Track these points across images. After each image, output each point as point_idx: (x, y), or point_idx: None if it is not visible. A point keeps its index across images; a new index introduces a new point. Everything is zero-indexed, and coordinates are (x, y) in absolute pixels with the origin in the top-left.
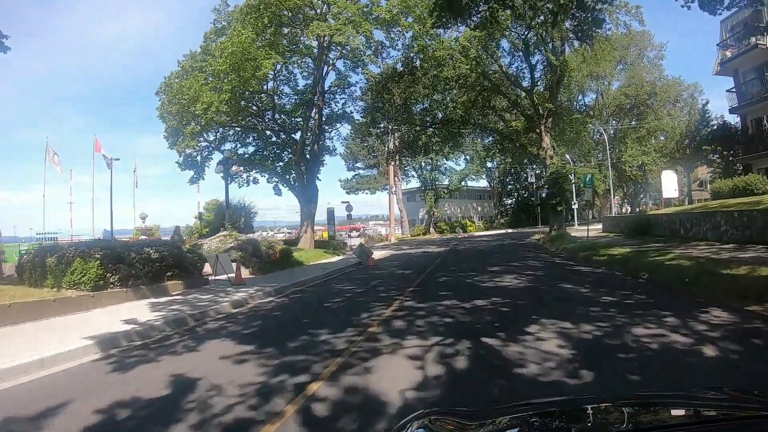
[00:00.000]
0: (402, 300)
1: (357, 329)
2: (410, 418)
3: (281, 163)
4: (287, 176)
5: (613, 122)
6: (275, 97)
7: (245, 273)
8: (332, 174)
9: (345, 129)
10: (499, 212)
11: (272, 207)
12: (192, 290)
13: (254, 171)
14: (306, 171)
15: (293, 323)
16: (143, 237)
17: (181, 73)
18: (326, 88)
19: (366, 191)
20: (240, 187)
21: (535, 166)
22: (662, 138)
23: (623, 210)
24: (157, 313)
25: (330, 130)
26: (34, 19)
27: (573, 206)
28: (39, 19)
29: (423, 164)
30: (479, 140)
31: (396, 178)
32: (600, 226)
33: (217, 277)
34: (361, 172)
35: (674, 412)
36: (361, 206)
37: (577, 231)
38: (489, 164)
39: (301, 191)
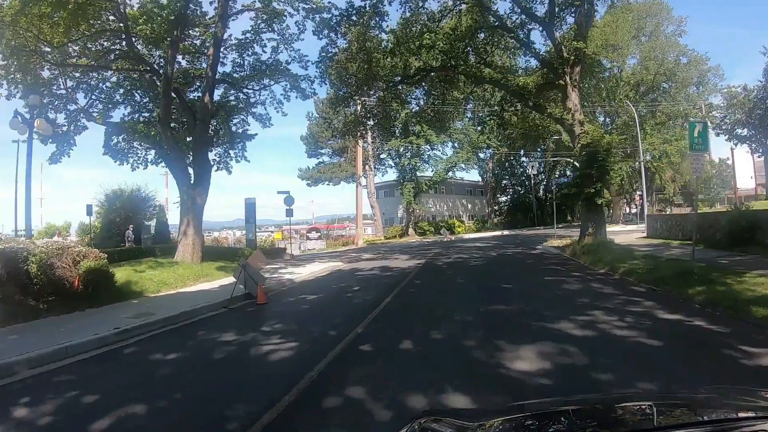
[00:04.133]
0: None
1: None
2: (410, 422)
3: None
4: (181, 153)
5: (623, 111)
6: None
7: None
8: (295, 162)
9: (280, 87)
10: (493, 211)
11: (263, 204)
12: None
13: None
14: (195, 135)
15: None
16: None
17: None
18: (237, 10)
19: (328, 182)
20: (133, 169)
21: (531, 158)
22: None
23: (627, 210)
24: None
25: (258, 87)
26: None
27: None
28: None
29: (401, 150)
30: (470, 120)
31: (367, 167)
32: (633, 227)
33: None
34: (326, 159)
35: (675, 413)
36: (347, 204)
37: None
38: (482, 155)
39: (178, 167)
